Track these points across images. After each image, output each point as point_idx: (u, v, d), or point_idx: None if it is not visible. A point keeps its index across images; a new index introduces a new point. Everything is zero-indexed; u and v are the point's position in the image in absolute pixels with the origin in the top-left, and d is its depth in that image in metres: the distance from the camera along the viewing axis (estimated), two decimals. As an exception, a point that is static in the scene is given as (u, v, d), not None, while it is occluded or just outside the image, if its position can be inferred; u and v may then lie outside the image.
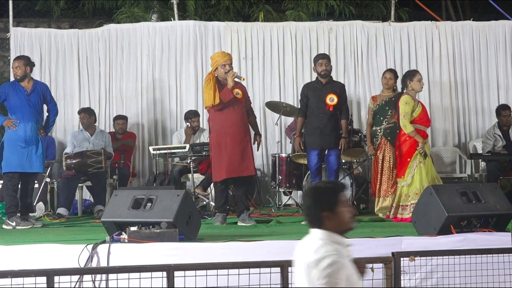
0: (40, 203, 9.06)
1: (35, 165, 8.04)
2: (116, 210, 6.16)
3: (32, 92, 8.15)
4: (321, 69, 8.33)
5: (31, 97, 8.13)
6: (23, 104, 8.08)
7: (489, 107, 10.66)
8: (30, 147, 8.00)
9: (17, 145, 8.01)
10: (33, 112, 8.10)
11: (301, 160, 9.27)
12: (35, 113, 8.12)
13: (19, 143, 8.01)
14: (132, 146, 10.17)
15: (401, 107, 8.13)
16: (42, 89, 8.26)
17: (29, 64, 8.23)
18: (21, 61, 8.21)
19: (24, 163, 7.99)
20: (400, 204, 8.08)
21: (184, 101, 10.50)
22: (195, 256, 5.45)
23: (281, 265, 4.77)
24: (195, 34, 10.55)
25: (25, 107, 8.08)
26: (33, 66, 8.35)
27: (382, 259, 5.08)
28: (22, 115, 8.06)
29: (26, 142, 8.01)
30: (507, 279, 5.46)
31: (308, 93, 8.32)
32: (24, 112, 8.07)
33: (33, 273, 4.44)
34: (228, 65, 7.85)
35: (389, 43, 10.67)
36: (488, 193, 6.37)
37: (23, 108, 8.08)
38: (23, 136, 8.01)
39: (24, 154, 8.00)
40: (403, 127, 8.12)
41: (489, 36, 10.76)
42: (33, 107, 8.11)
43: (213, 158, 7.89)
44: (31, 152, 8.01)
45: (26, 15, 13.93)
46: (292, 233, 6.67)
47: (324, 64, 8.32)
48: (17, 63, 8.20)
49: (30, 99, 8.11)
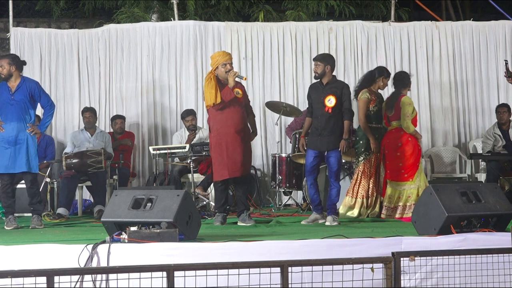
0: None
1: (19, 165, 7.81)
2: (116, 210, 6.16)
3: (16, 91, 7.89)
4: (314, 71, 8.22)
5: (15, 95, 7.88)
6: (5, 103, 7.87)
7: (489, 107, 10.67)
8: (14, 147, 7.79)
9: (1, 146, 7.84)
10: (16, 111, 7.85)
11: (301, 160, 9.27)
12: (18, 112, 7.85)
13: (3, 144, 7.83)
14: (131, 146, 10.16)
15: (406, 108, 8.13)
16: (29, 87, 7.95)
17: (15, 63, 7.95)
18: (5, 60, 7.94)
19: (7, 164, 7.80)
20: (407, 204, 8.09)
21: (184, 101, 10.50)
22: (195, 256, 5.45)
23: (281, 265, 4.77)
24: (195, 34, 10.55)
25: (7, 106, 7.86)
26: (23, 64, 8.08)
27: (382, 259, 5.08)
28: (5, 115, 7.86)
29: (9, 142, 7.81)
30: (507, 279, 5.46)
31: (311, 93, 8.24)
32: (7, 111, 7.86)
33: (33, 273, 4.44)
34: (228, 64, 7.85)
35: (389, 43, 10.67)
36: (488, 193, 6.37)
37: (5, 107, 7.87)
38: (6, 136, 7.82)
39: (7, 155, 7.80)
40: (407, 128, 8.14)
41: (489, 36, 10.76)
42: (17, 106, 7.86)
43: (214, 157, 7.89)
44: (15, 152, 7.79)
45: (26, 15, 13.94)
46: (292, 233, 6.67)
47: (315, 66, 8.19)
48: (1, 62, 7.92)
49: (14, 98, 7.87)
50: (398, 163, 8.22)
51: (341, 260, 5.01)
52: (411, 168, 8.18)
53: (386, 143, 8.34)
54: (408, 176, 8.17)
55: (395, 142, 8.27)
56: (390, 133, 8.35)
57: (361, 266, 5.00)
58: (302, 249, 5.53)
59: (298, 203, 9.76)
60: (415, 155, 8.21)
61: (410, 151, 8.19)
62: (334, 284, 5.00)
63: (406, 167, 8.18)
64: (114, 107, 10.51)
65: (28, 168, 7.86)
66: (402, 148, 8.21)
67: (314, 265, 4.95)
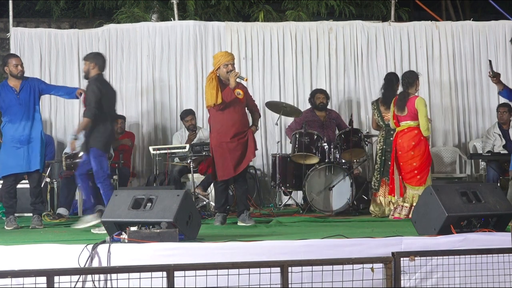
0: None
1: (34, 164, 7.88)
2: (116, 210, 6.16)
3: (21, 90, 7.96)
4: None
5: (20, 95, 7.94)
6: (13, 103, 7.92)
7: (489, 107, 10.67)
8: (27, 146, 7.86)
9: (12, 146, 7.89)
10: (24, 110, 7.91)
11: (301, 160, 9.28)
12: (27, 111, 7.92)
13: (14, 143, 7.89)
14: (131, 146, 10.16)
15: (423, 109, 8.14)
16: (34, 84, 8.04)
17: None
18: (19, 59, 8.08)
19: (22, 163, 7.85)
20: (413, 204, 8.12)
21: (184, 101, 10.50)
22: (195, 256, 5.45)
23: (281, 265, 4.78)
24: (195, 34, 10.55)
25: (15, 106, 7.91)
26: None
27: (382, 259, 5.09)
28: (14, 114, 7.91)
29: (21, 142, 7.87)
30: (507, 279, 5.46)
31: None
32: (15, 111, 7.91)
33: (33, 273, 4.44)
34: (230, 65, 7.84)
35: (389, 43, 10.67)
36: (488, 193, 6.37)
37: (13, 107, 7.91)
38: (17, 136, 7.88)
39: (20, 155, 7.85)
40: (427, 130, 8.17)
41: (489, 36, 10.76)
42: (24, 105, 7.92)
43: (216, 158, 7.87)
44: (29, 151, 7.85)
45: (26, 15, 13.93)
46: (292, 233, 6.67)
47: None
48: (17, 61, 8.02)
49: (19, 98, 7.93)
50: (412, 163, 8.21)
51: (341, 260, 5.02)
52: (424, 168, 8.18)
53: (398, 143, 8.31)
54: (421, 178, 8.15)
55: (408, 141, 8.24)
56: (402, 133, 8.30)
57: (361, 266, 5.01)
58: (302, 249, 5.53)
59: (298, 203, 9.76)
60: (427, 154, 8.23)
61: (423, 150, 8.19)
62: (334, 284, 5.00)
63: (420, 167, 8.16)
64: (114, 107, 10.50)
65: (41, 166, 7.96)
66: (415, 147, 8.19)
67: (314, 265, 4.96)
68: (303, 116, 9.75)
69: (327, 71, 10.60)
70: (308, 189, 9.04)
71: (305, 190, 9.03)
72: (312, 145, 9.29)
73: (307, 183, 9.02)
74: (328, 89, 10.38)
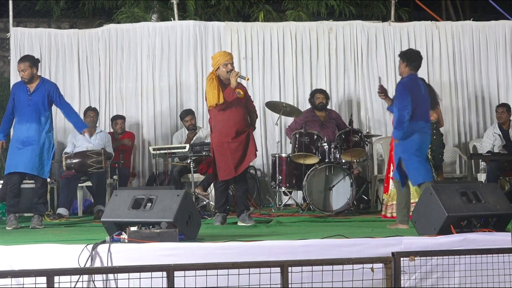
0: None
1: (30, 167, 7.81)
2: (116, 210, 6.16)
3: (35, 92, 7.92)
4: None
5: (33, 96, 7.90)
6: (23, 104, 7.90)
7: (489, 107, 10.68)
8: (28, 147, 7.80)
9: (15, 146, 7.88)
10: (33, 112, 7.87)
11: (301, 160, 9.28)
12: (35, 114, 7.87)
13: (17, 144, 7.87)
14: (131, 146, 10.16)
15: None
16: (48, 89, 7.96)
17: (35, 64, 7.98)
18: (26, 63, 7.92)
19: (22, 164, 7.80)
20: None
21: (184, 101, 10.50)
22: (195, 256, 5.45)
23: (281, 265, 4.78)
24: (195, 34, 10.55)
25: (25, 107, 7.89)
26: (39, 62, 8.11)
27: (382, 259, 5.09)
28: (23, 115, 7.89)
29: (23, 142, 7.82)
30: (507, 279, 5.46)
31: None
32: (24, 112, 7.89)
33: (33, 273, 4.44)
34: (230, 64, 7.84)
35: (389, 43, 10.67)
36: (488, 193, 6.37)
37: (23, 108, 7.90)
38: (21, 136, 7.86)
39: (23, 154, 7.81)
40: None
41: (489, 36, 10.76)
42: (34, 107, 7.88)
43: (217, 158, 7.86)
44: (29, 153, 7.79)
45: (26, 15, 13.94)
46: (292, 233, 6.67)
47: None
48: (23, 66, 7.93)
49: (31, 99, 7.90)
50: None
51: (341, 260, 5.02)
52: None
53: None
54: None
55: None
56: None
57: (361, 266, 5.00)
58: (302, 249, 5.53)
59: (298, 203, 9.76)
60: None
61: None
62: (334, 284, 5.00)
63: None
64: (114, 107, 10.50)
65: (40, 173, 7.87)
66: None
67: (314, 265, 4.96)
68: (303, 116, 9.75)
69: (327, 71, 10.61)
70: (308, 189, 9.05)
71: (305, 190, 9.04)
72: (312, 145, 9.30)
73: (307, 183, 9.03)
74: (328, 89, 10.39)
